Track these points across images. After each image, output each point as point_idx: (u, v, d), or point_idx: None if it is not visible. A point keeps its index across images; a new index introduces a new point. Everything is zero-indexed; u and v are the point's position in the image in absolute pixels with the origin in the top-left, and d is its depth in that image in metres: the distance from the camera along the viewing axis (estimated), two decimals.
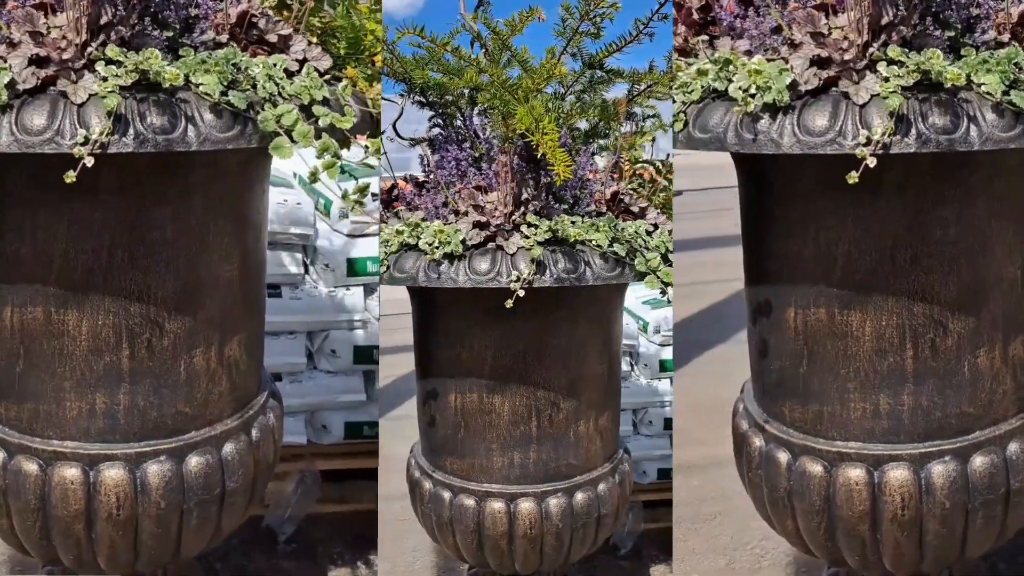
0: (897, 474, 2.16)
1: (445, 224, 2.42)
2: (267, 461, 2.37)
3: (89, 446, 2.14)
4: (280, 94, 1.91)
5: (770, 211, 2.27)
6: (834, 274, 2.14)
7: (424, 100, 2.72)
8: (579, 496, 2.61)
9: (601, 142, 2.78)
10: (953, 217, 2.08)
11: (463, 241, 2.35)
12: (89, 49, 1.89)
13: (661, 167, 2.92)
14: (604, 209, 2.59)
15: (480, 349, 2.53)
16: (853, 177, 1.85)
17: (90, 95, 1.82)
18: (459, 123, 2.72)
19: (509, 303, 2.29)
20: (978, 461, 2.17)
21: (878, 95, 1.87)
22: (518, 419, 2.55)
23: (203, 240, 2.16)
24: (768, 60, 1.99)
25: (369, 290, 3.86)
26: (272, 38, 2.07)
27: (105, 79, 1.83)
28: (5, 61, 1.89)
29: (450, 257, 2.35)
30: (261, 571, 3.52)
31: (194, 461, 2.19)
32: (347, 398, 3.82)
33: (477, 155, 2.60)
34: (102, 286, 2.08)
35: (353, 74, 2.13)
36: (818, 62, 1.95)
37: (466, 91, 2.70)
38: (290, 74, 2.01)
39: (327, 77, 2.09)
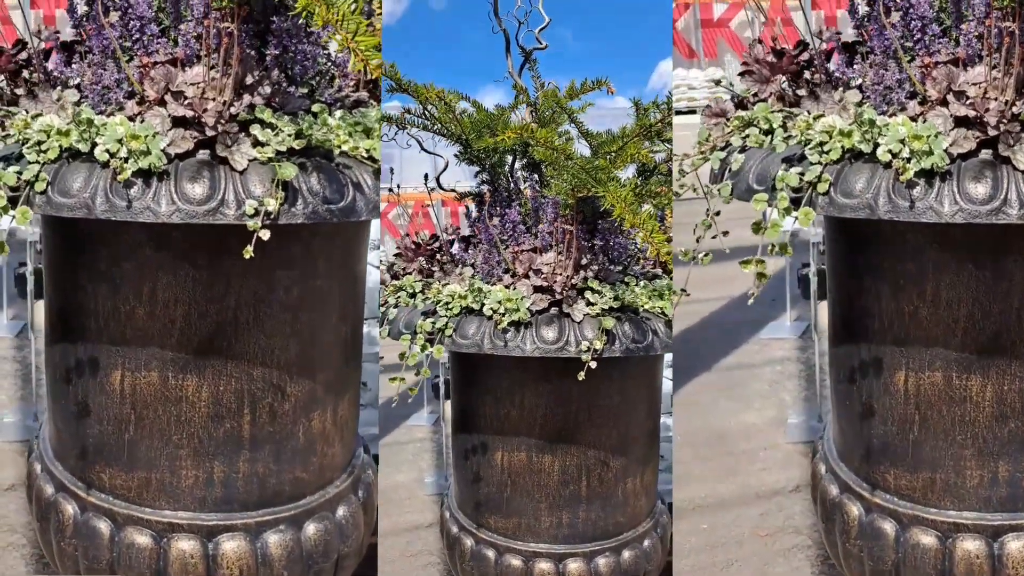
0: (1019, 545, 2.10)
1: (502, 285, 2.39)
2: (372, 520, 2.30)
3: (207, 517, 2.05)
4: None
5: (875, 265, 2.17)
6: (954, 336, 2.09)
7: (473, 157, 2.68)
8: (626, 554, 2.61)
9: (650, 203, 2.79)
10: None
11: (529, 309, 2.31)
12: (233, 110, 1.81)
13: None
14: (657, 270, 2.59)
15: (531, 408, 2.49)
16: None
17: (250, 161, 1.73)
18: (502, 180, 2.70)
19: (581, 375, 2.27)
20: None
21: None
22: (568, 478, 2.53)
23: (324, 301, 2.08)
24: (911, 119, 1.91)
25: None
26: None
27: (263, 144, 1.74)
28: (141, 119, 1.80)
29: (516, 324, 2.31)
30: None
31: (312, 528, 2.11)
32: (376, 430, 3.76)
33: (524, 212, 2.58)
34: (225, 349, 1.99)
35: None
36: (964, 122, 1.88)
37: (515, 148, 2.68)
38: None
39: None
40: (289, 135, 1.74)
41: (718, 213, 2.11)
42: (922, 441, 2.14)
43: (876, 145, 1.89)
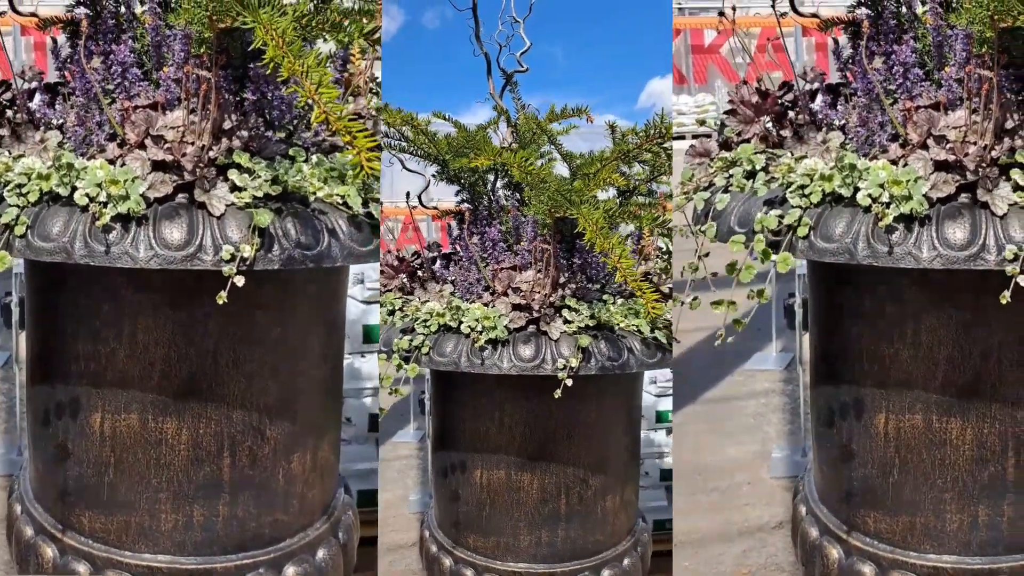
0: None
1: (480, 302, 2.41)
2: (352, 563, 2.29)
3: (186, 560, 2.04)
4: None
5: (856, 306, 2.17)
6: (934, 378, 2.07)
7: (453, 177, 2.70)
8: (606, 573, 2.60)
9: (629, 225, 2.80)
10: None
11: (506, 327, 2.33)
12: (212, 153, 1.81)
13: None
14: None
15: (509, 426, 2.50)
16: (1006, 297, 1.80)
17: (227, 206, 1.74)
18: (484, 199, 2.72)
19: (557, 393, 2.29)
20: None
21: (1016, 205, 1.83)
22: (547, 496, 2.52)
23: (304, 343, 2.08)
24: (892, 162, 1.92)
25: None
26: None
27: (240, 188, 1.75)
28: (121, 162, 1.80)
29: (493, 343, 2.33)
30: None
31: (291, 572, 2.11)
32: (362, 467, 3.74)
33: (504, 229, 2.60)
34: (205, 392, 1.99)
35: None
36: (944, 166, 1.88)
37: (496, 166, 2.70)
38: None
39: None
40: (266, 180, 1.74)
41: (707, 254, 2.12)
42: (902, 484, 2.14)
43: (856, 189, 1.90)
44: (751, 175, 2.09)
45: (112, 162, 1.83)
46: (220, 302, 1.69)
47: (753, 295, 2.09)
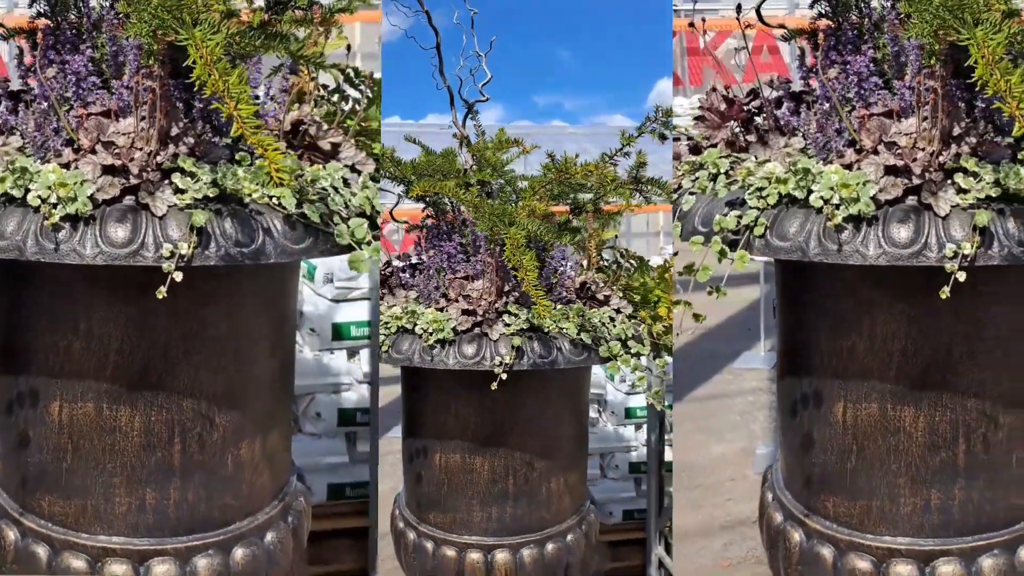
0: (946, 569, 2.18)
1: (437, 307, 2.69)
2: (301, 547, 2.41)
3: (139, 541, 2.16)
4: (347, 205, 1.97)
5: (816, 302, 2.26)
6: (889, 370, 2.14)
7: (419, 196, 2.90)
8: (549, 546, 2.87)
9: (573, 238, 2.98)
10: (1010, 312, 2.13)
11: (454, 328, 2.62)
12: (159, 158, 1.93)
13: (625, 254, 3.11)
14: (574, 296, 2.82)
15: (464, 416, 2.80)
16: (945, 292, 1.88)
17: (169, 207, 1.86)
18: (449, 212, 2.90)
19: (494, 385, 2.57)
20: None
21: (958, 206, 1.92)
22: (496, 478, 2.81)
23: (251, 337, 2.20)
24: (844, 167, 2.02)
25: (351, 353, 3.91)
26: (325, 145, 2.13)
27: (182, 191, 1.87)
28: (74, 167, 1.93)
29: (442, 342, 2.62)
30: None
31: (240, 553, 2.23)
32: (331, 460, 3.87)
33: (464, 242, 2.83)
34: (156, 382, 2.11)
35: (644, 315, 2.41)
36: (893, 170, 1.98)
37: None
38: (345, 181, 2.08)
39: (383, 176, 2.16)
40: (206, 183, 1.86)
41: (676, 254, 2.25)
42: (859, 470, 2.22)
43: (810, 192, 2.00)
44: (715, 178, 2.20)
45: (66, 166, 1.95)
46: (160, 297, 1.81)
47: (713, 291, 2.22)
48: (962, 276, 1.88)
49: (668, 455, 5.08)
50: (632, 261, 3.09)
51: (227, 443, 2.19)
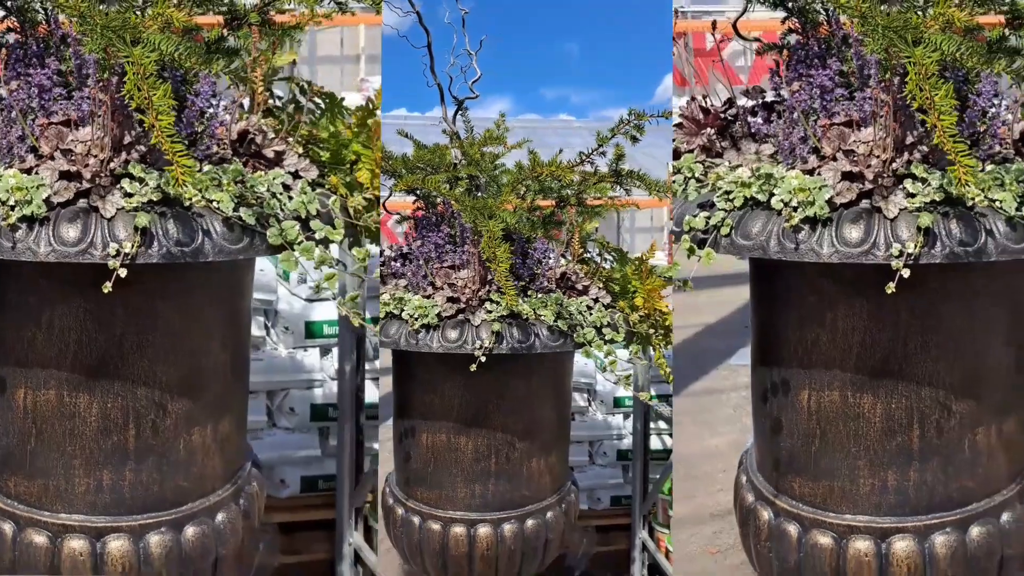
0: (903, 545, 2.33)
1: (424, 295, 2.84)
2: (252, 527, 2.57)
3: (96, 519, 2.33)
4: (282, 209, 2.14)
5: (784, 297, 2.42)
6: (849, 359, 2.30)
7: (409, 189, 3.06)
8: (529, 523, 3.02)
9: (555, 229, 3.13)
10: (959, 309, 2.27)
11: (438, 314, 2.76)
12: (113, 164, 2.11)
13: (607, 246, 3.25)
14: (554, 286, 2.95)
15: (449, 397, 2.95)
16: (891, 288, 2.03)
17: (117, 210, 2.03)
18: (440, 204, 3.05)
19: (473, 367, 2.71)
20: (975, 531, 2.36)
21: (905, 209, 2.07)
22: (480, 456, 2.96)
23: (203, 330, 2.37)
24: (804, 173, 2.18)
25: (324, 351, 4.07)
26: (269, 153, 2.30)
27: (131, 195, 2.04)
28: (35, 172, 2.10)
29: (427, 327, 2.76)
30: None
31: (191, 531, 2.39)
32: (304, 453, 4.03)
33: (452, 233, 2.97)
34: (113, 371, 2.28)
35: (336, 181, 2.37)
36: (850, 176, 2.13)
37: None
38: (286, 187, 2.24)
39: (318, 183, 2.33)
40: (152, 188, 2.04)
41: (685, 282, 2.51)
42: (822, 453, 2.37)
43: (771, 195, 2.17)
44: (687, 182, 2.37)
45: (28, 171, 2.13)
46: (105, 291, 1.98)
47: (679, 287, 2.36)
48: (907, 273, 2.03)
49: (656, 444, 5.25)
50: (613, 253, 3.21)
51: (179, 429, 2.36)
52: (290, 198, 2.19)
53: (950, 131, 1.89)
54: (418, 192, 3.06)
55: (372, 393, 4.05)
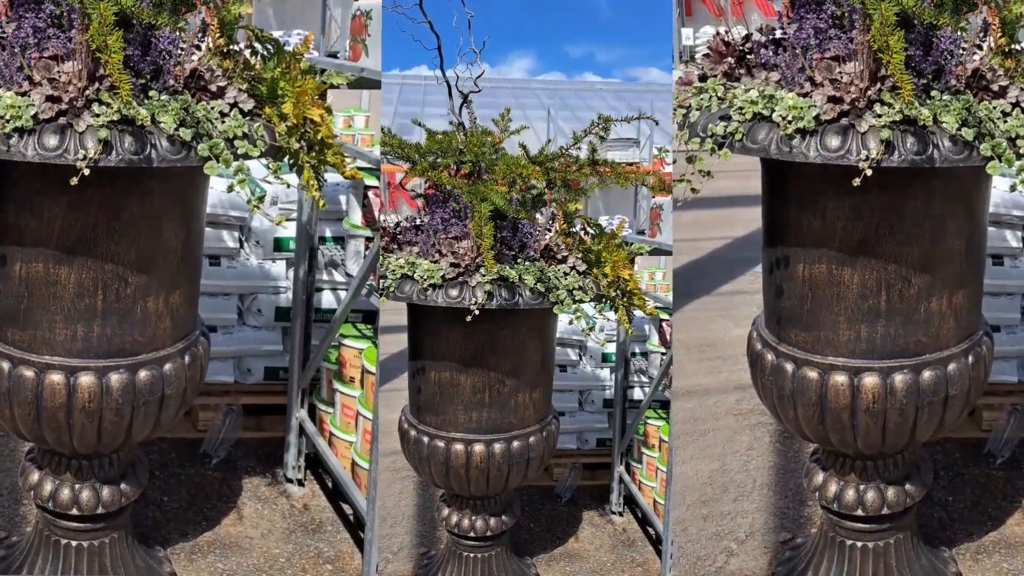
0: (870, 380, 3.03)
1: (432, 260, 3.57)
2: (195, 378, 3.32)
3: (71, 360, 3.08)
4: (215, 130, 2.85)
5: (787, 190, 3.06)
6: (834, 241, 2.95)
7: (419, 170, 3.78)
8: (515, 443, 3.78)
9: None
10: (919, 205, 2.90)
11: (443, 276, 3.51)
12: (88, 92, 2.82)
13: (589, 222, 3.91)
14: (538, 256, 3.68)
15: (452, 342, 3.70)
16: (857, 182, 2.65)
17: (87, 126, 2.75)
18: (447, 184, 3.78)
19: (468, 319, 3.47)
20: (926, 374, 3.04)
21: (874, 127, 2.66)
22: (476, 390, 3.72)
23: (158, 223, 3.10)
24: (799, 95, 2.76)
25: (290, 263, 4.80)
26: (213, 88, 3.01)
27: (98, 115, 2.76)
28: (28, 95, 2.82)
29: (434, 286, 3.52)
30: (192, 477, 4.47)
31: (143, 374, 3.14)
32: (268, 348, 4.78)
33: (457, 208, 3.68)
34: (86, 251, 3.01)
35: (269, 112, 3.06)
36: (833, 99, 2.73)
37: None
38: (224, 114, 2.95)
39: (254, 112, 3.03)
40: (114, 111, 2.75)
41: (709, 173, 3.04)
42: (812, 311, 3.07)
43: (772, 111, 2.85)
44: (710, 99, 3.01)
45: (23, 94, 2.85)
46: (72, 184, 2.69)
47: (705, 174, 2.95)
48: (869, 172, 2.64)
49: (639, 395, 5.98)
50: (593, 229, 3.87)
51: (137, 297, 3.10)
52: (223, 122, 2.89)
53: (899, 67, 2.58)
54: (428, 173, 3.75)
55: (329, 299, 4.77)
